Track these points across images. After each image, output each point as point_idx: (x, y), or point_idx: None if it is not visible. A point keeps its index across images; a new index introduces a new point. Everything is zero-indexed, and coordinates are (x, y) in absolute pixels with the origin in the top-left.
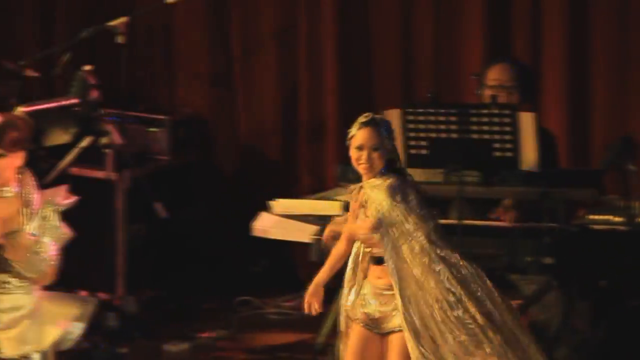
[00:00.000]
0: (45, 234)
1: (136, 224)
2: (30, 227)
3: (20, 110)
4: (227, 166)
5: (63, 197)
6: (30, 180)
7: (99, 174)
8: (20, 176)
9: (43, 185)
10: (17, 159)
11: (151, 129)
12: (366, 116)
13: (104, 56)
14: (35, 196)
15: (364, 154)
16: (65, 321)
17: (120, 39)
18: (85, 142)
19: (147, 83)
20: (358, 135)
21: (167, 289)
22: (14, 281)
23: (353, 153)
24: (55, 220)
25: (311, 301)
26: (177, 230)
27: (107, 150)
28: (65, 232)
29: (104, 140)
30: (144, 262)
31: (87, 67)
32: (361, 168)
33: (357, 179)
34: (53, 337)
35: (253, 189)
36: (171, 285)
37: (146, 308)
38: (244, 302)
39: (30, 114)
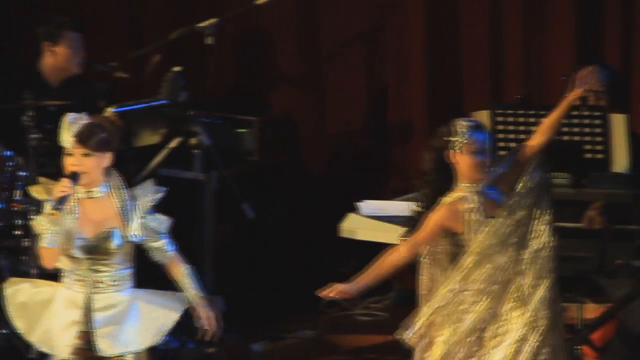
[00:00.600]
0: (147, 231)
1: (224, 224)
2: (131, 228)
3: (110, 111)
4: (315, 167)
5: (153, 192)
6: (118, 181)
7: (187, 175)
8: (108, 177)
9: (132, 185)
10: (104, 159)
11: (239, 130)
12: (475, 121)
13: (193, 57)
14: (126, 195)
15: (486, 161)
16: (161, 320)
17: (209, 40)
18: (174, 142)
19: (236, 84)
20: (476, 140)
21: (254, 289)
22: (107, 280)
23: (470, 159)
24: (152, 215)
25: (333, 292)
26: (264, 231)
27: (195, 151)
28: (164, 219)
29: (192, 141)
30: (232, 262)
31: (177, 69)
32: (483, 174)
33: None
34: (150, 337)
35: (340, 190)
36: (259, 286)
37: (234, 308)
38: (332, 303)
39: (120, 115)
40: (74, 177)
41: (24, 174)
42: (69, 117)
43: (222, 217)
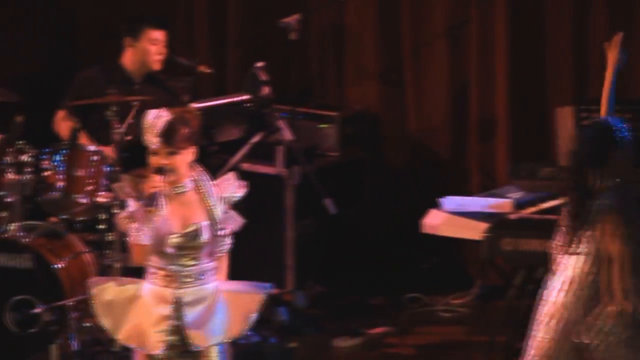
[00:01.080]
0: (226, 224)
1: (306, 220)
2: (218, 221)
3: (191, 105)
4: (397, 163)
5: (236, 188)
6: (203, 175)
7: (269, 170)
8: (192, 172)
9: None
10: (188, 155)
11: (321, 126)
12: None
13: (276, 53)
14: (212, 190)
15: None
16: (247, 306)
17: (292, 36)
18: (256, 138)
19: (318, 80)
20: None
21: (336, 285)
22: (195, 274)
23: None
24: (232, 211)
25: None
26: (346, 226)
27: (277, 146)
28: (239, 220)
29: (274, 136)
30: (313, 257)
31: (260, 64)
32: None
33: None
34: (239, 325)
35: (422, 185)
36: (340, 281)
37: (315, 303)
38: (413, 299)
39: (203, 110)
40: (161, 172)
41: (108, 168)
42: (150, 115)
43: (304, 212)
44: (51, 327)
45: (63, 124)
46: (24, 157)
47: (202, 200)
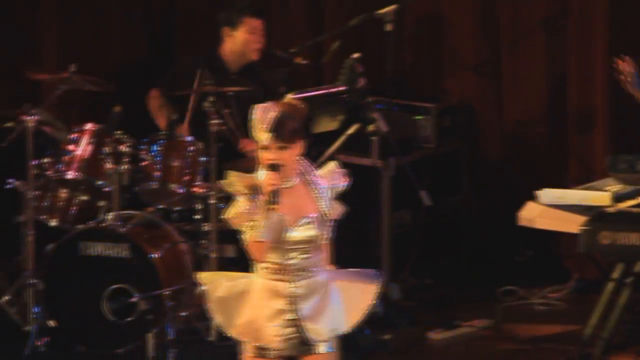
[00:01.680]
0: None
1: (401, 212)
2: (327, 213)
3: (290, 97)
4: (493, 155)
5: (340, 178)
6: (309, 167)
7: (365, 161)
8: (299, 165)
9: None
10: (297, 148)
11: (417, 117)
12: None
13: (372, 44)
14: (318, 181)
15: None
16: (362, 296)
17: (388, 27)
18: (352, 129)
19: (414, 71)
20: None
21: (431, 277)
22: (307, 267)
23: None
24: (335, 201)
25: None
26: (441, 218)
27: (373, 138)
28: (340, 208)
29: (370, 127)
30: (408, 249)
31: (356, 55)
32: None
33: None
34: (355, 315)
35: (518, 178)
36: (435, 273)
37: (410, 295)
38: (509, 292)
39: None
40: (275, 168)
41: (205, 159)
42: (258, 109)
43: (399, 204)
44: (147, 316)
45: (154, 102)
46: (122, 147)
47: (310, 193)
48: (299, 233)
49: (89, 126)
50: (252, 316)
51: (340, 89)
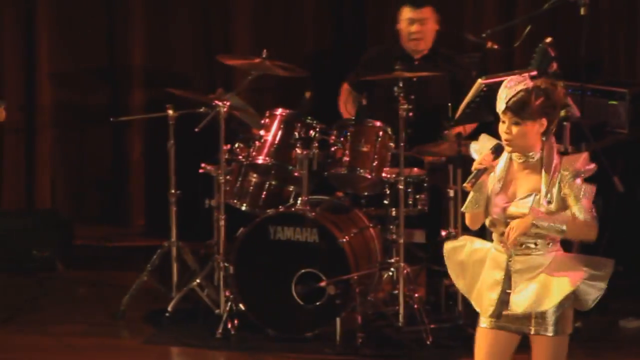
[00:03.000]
0: (562, 201)
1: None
2: (548, 195)
3: (480, 82)
4: None
5: (583, 164)
6: (552, 148)
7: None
8: (545, 143)
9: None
10: (536, 126)
11: (611, 102)
12: None
13: (565, 28)
14: (555, 161)
15: None
16: (576, 278)
17: (582, 11)
18: None
19: (609, 55)
20: None
21: (624, 264)
22: (528, 243)
23: None
24: (573, 184)
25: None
26: (634, 205)
27: (565, 123)
28: (586, 188)
29: (563, 113)
30: (600, 235)
31: (548, 40)
32: None
33: None
34: (562, 293)
35: None
36: (628, 260)
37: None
38: None
39: (490, 85)
40: (497, 150)
41: (392, 144)
42: (507, 82)
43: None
44: (336, 301)
45: (341, 96)
46: (312, 133)
47: (543, 172)
48: (516, 209)
49: (279, 111)
50: (480, 284)
51: (532, 73)
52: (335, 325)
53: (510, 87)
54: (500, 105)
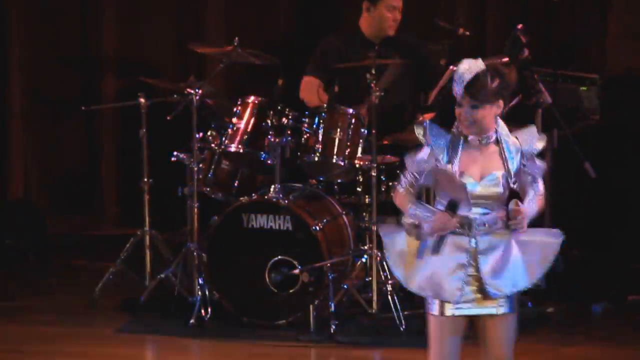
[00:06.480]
0: (524, 175)
1: (565, 184)
2: (512, 174)
3: (452, 67)
4: None
5: (536, 141)
6: (504, 128)
7: None
8: (497, 124)
9: None
10: (493, 109)
11: (582, 88)
12: None
13: (537, 15)
14: (511, 142)
15: None
16: (542, 252)
17: None
18: (515, 100)
19: (580, 41)
20: None
21: (595, 249)
22: (489, 223)
23: None
24: (531, 162)
25: None
26: (607, 191)
27: (536, 109)
28: (540, 165)
29: (533, 98)
30: (572, 221)
31: (520, 26)
32: None
33: None
34: (535, 270)
35: None
36: (600, 246)
37: (573, 268)
38: None
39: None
40: (452, 207)
41: (364, 131)
42: (462, 65)
43: (563, 176)
44: (309, 288)
45: (307, 89)
46: (285, 120)
47: (502, 153)
48: (482, 189)
49: (252, 99)
50: (433, 270)
51: (504, 60)
52: (309, 313)
53: (464, 72)
54: (458, 90)
